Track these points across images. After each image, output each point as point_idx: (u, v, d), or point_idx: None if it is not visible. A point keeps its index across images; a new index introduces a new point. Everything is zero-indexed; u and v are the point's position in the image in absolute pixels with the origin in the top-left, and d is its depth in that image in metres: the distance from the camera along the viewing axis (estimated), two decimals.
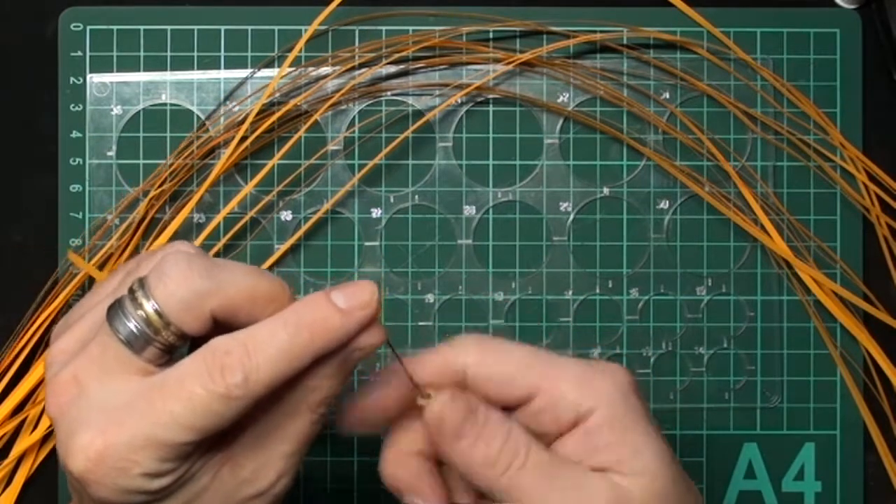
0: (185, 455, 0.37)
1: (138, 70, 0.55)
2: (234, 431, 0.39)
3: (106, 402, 0.37)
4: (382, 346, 0.39)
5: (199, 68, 0.55)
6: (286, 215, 0.55)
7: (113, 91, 0.55)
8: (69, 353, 0.39)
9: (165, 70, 0.55)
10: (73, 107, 0.55)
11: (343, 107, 0.55)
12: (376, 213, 0.55)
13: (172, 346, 0.38)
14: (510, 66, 0.55)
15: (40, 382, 0.53)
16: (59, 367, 0.38)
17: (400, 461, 0.41)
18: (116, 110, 0.55)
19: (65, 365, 0.38)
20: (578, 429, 0.39)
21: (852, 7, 0.56)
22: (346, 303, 0.38)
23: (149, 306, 0.37)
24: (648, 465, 0.38)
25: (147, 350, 0.38)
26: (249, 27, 0.55)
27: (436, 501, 0.40)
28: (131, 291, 0.38)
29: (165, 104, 0.55)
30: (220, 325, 0.38)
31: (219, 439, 0.39)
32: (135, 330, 0.37)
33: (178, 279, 0.37)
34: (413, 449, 0.41)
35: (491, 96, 0.55)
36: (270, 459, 0.39)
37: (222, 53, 0.55)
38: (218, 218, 0.54)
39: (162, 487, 0.37)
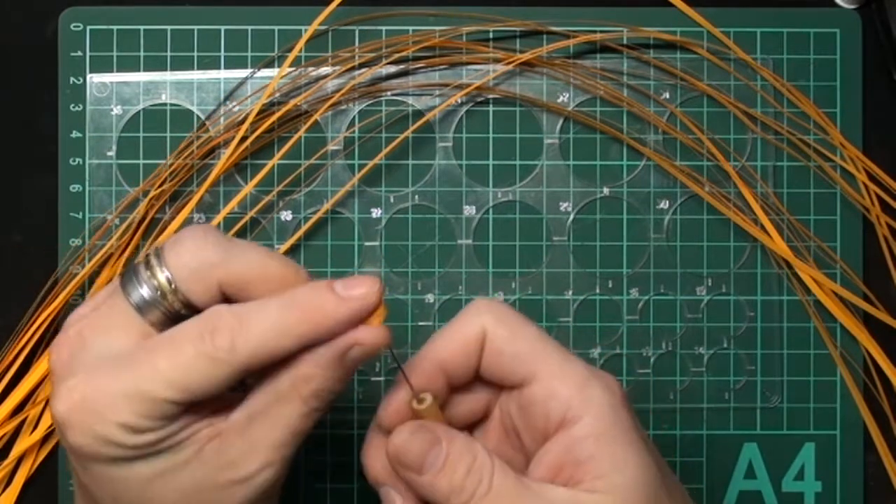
0: (167, 415, 0.37)
1: (138, 70, 0.55)
2: (226, 410, 0.39)
3: (101, 354, 0.38)
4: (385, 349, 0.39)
5: (199, 68, 0.55)
6: (286, 215, 0.55)
7: (113, 91, 0.55)
8: (82, 317, 0.40)
9: (165, 70, 0.55)
10: (73, 107, 0.55)
11: (343, 107, 0.55)
12: (376, 213, 0.55)
13: (177, 313, 0.39)
14: (510, 66, 0.55)
15: (40, 382, 0.54)
16: (70, 327, 0.40)
17: (381, 452, 0.41)
18: (116, 110, 0.55)
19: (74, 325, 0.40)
20: (563, 436, 0.39)
21: (852, 7, 0.56)
22: (345, 291, 0.38)
23: (161, 275, 0.38)
24: (627, 481, 0.38)
25: (152, 313, 0.39)
26: (249, 27, 0.55)
27: (411, 499, 0.40)
28: (146, 258, 0.39)
29: (165, 104, 0.55)
30: (230, 302, 0.39)
31: (208, 413, 0.39)
32: (145, 295, 0.39)
33: (191, 249, 0.38)
34: None
35: (491, 96, 0.55)
36: (258, 446, 0.39)
37: (222, 53, 0.55)
38: (218, 218, 0.54)
39: (139, 444, 0.37)
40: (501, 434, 0.42)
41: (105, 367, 0.38)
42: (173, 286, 0.38)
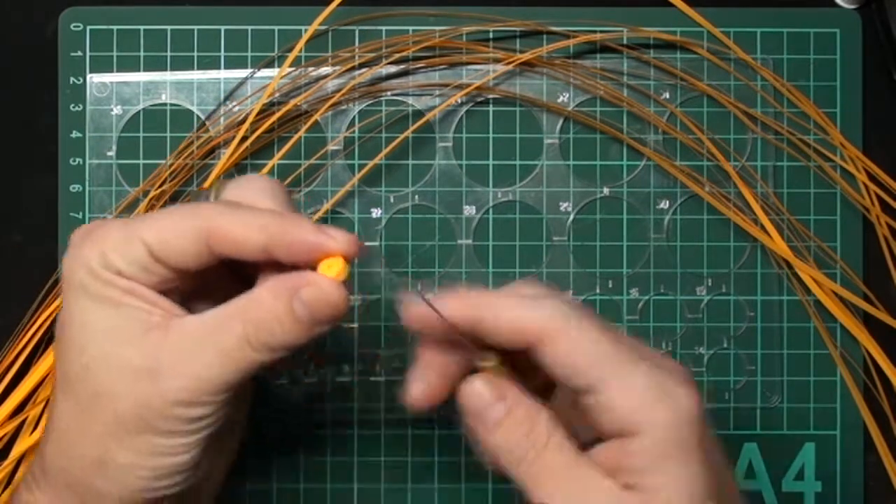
0: (142, 264, 0.40)
1: (138, 70, 0.55)
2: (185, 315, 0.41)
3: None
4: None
5: (199, 68, 0.55)
6: None
7: (113, 91, 0.55)
8: None
9: (165, 70, 0.55)
10: (73, 107, 0.55)
11: (343, 107, 0.55)
12: (376, 213, 0.55)
13: None
14: (510, 66, 0.55)
15: (40, 383, 0.53)
16: None
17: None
18: (116, 110, 0.55)
19: None
20: (618, 443, 0.39)
21: (852, 7, 0.56)
22: (326, 227, 0.40)
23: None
24: (679, 498, 0.38)
25: None
26: (249, 27, 0.55)
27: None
28: (212, 188, 0.43)
29: (165, 104, 0.55)
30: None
31: (172, 309, 0.41)
32: None
33: (245, 197, 0.42)
34: None
35: (491, 96, 0.55)
36: (185, 356, 0.40)
37: (222, 53, 0.55)
38: None
39: (107, 281, 0.40)
40: (567, 404, 0.42)
41: (127, 221, 0.41)
42: None
